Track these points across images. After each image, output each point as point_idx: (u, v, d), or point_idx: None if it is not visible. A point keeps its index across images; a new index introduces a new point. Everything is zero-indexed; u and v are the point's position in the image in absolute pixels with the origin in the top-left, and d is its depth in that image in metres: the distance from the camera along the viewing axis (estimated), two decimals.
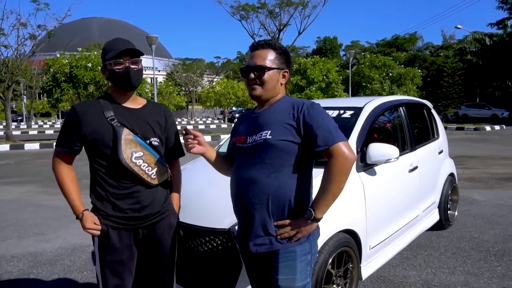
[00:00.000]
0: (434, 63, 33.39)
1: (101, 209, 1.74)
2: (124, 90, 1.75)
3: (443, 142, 4.33)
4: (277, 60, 1.60)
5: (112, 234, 1.74)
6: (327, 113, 1.60)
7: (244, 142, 1.61)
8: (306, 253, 1.57)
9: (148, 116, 1.79)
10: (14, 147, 15.10)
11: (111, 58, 1.68)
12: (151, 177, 1.75)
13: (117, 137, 1.67)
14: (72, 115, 1.71)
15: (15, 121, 38.59)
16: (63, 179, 1.76)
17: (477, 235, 4.08)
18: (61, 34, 22.68)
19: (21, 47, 16.97)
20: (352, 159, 1.50)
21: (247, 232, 1.60)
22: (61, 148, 1.75)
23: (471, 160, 9.59)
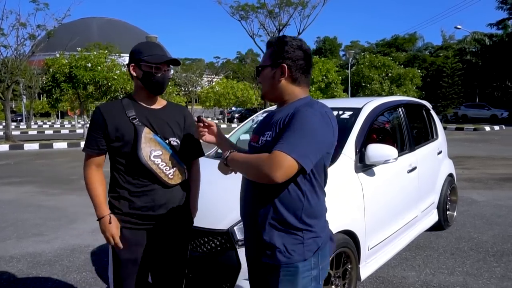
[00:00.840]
0: (434, 63, 33.45)
1: (117, 206, 1.77)
2: (154, 93, 1.81)
3: (442, 142, 4.33)
4: (272, 56, 1.48)
5: (127, 234, 1.77)
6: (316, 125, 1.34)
7: (256, 142, 1.51)
8: (311, 269, 1.43)
9: (168, 116, 1.84)
10: (14, 147, 15.08)
11: (155, 63, 1.74)
12: (169, 176, 1.77)
13: (137, 135, 1.72)
14: (97, 114, 1.76)
15: (15, 121, 38.57)
16: (91, 182, 1.78)
17: (476, 236, 4.08)
18: (61, 34, 22.67)
19: (21, 47, 16.98)
20: (276, 178, 1.28)
21: (252, 238, 1.52)
22: (90, 150, 1.78)
23: (470, 160, 9.59)
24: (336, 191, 2.60)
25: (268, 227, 1.44)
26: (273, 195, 1.42)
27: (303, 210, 1.42)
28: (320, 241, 1.45)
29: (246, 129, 4.10)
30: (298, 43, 1.49)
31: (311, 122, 1.34)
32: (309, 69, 1.52)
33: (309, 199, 1.42)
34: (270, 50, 1.51)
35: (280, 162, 1.28)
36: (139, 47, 1.80)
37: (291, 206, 1.41)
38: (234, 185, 2.67)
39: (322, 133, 1.36)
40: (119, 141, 1.74)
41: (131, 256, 1.78)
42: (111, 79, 15.58)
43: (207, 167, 2.34)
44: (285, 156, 1.28)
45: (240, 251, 2.21)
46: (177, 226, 1.85)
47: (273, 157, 1.29)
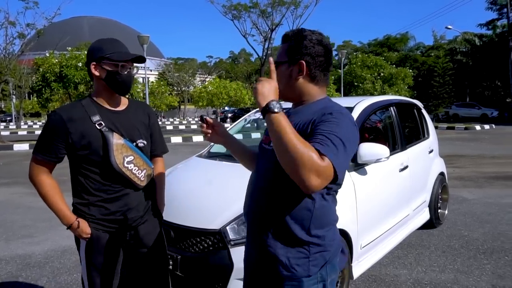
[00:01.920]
0: (425, 63, 33.75)
1: (87, 213, 1.72)
2: (120, 94, 1.74)
3: (433, 141, 4.37)
4: (289, 52, 1.34)
5: (101, 236, 1.73)
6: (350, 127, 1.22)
7: (268, 144, 1.36)
8: (317, 282, 1.32)
9: (133, 117, 1.78)
10: (3, 148, 14.87)
11: (120, 60, 1.65)
12: (141, 179, 1.75)
13: (107, 142, 1.64)
14: (58, 121, 1.63)
15: (4, 121, 38.04)
16: (47, 190, 1.69)
17: (467, 234, 4.13)
18: (52, 33, 22.40)
19: (10, 46, 16.75)
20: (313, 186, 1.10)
21: (254, 240, 1.40)
22: (43, 156, 1.67)
23: (461, 159, 9.70)
24: None
25: (272, 236, 1.32)
26: (282, 201, 1.29)
27: (311, 220, 1.29)
28: (328, 255, 1.32)
29: (238, 129, 4.09)
30: (318, 38, 1.34)
31: (347, 128, 1.21)
32: (329, 67, 1.37)
33: (318, 208, 1.29)
34: (286, 44, 1.36)
35: (327, 170, 1.10)
36: (99, 44, 1.69)
37: (299, 216, 1.28)
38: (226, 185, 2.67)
39: (355, 138, 1.25)
40: (86, 149, 1.65)
41: (105, 260, 1.75)
42: None
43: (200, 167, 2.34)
44: (328, 163, 1.10)
45: (232, 251, 2.21)
46: (148, 226, 1.83)
47: (323, 159, 1.10)
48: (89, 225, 1.71)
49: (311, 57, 1.32)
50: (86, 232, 1.70)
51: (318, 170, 1.08)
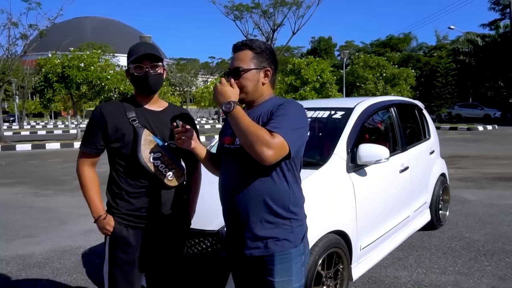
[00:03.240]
0: (428, 63, 33.64)
1: (115, 207, 1.77)
2: (143, 93, 1.79)
3: (434, 142, 4.35)
4: (255, 59, 1.55)
5: (124, 233, 1.75)
6: (301, 114, 1.50)
7: (232, 143, 1.57)
8: (301, 254, 1.55)
9: (168, 119, 1.81)
10: (6, 148, 14.94)
11: (132, 62, 1.73)
12: (168, 178, 1.77)
13: (137, 137, 1.71)
14: (98, 114, 1.74)
15: (7, 121, 38.19)
16: (86, 181, 1.77)
17: (468, 235, 4.10)
18: (54, 34, 22.48)
19: (12, 46, 16.82)
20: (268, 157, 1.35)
21: (239, 237, 1.56)
22: (86, 149, 1.77)
23: (463, 159, 9.65)
24: (328, 191, 2.60)
25: (260, 222, 1.50)
26: (262, 190, 1.49)
27: (290, 200, 1.52)
28: (304, 228, 1.59)
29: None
30: (271, 47, 1.63)
31: (296, 112, 1.48)
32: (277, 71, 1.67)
33: (294, 189, 1.54)
34: (251, 53, 1.56)
35: (275, 143, 1.36)
36: (128, 50, 1.78)
37: (280, 198, 1.50)
38: None
39: (304, 122, 1.51)
40: (119, 142, 1.73)
41: (127, 258, 1.77)
42: (104, 79, 15.47)
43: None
44: (279, 137, 1.37)
45: None
46: (173, 228, 1.84)
47: (273, 136, 1.37)
48: (115, 219, 1.75)
49: (272, 64, 1.60)
50: (110, 225, 1.74)
51: (268, 143, 1.35)
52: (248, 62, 1.55)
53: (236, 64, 1.56)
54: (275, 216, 1.50)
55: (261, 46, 1.57)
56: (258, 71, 1.56)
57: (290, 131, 1.40)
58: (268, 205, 1.49)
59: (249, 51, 1.56)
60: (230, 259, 1.67)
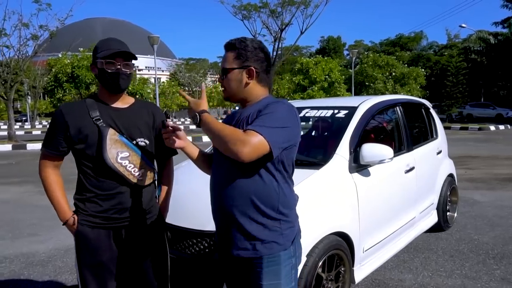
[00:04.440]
0: (438, 62, 33.20)
1: (82, 207, 1.72)
2: (110, 91, 1.73)
3: (442, 142, 4.25)
4: (238, 59, 1.53)
5: (90, 234, 1.71)
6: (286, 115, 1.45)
7: None
8: (291, 257, 1.52)
9: (135, 116, 1.76)
10: (16, 147, 15.15)
11: (104, 57, 1.66)
12: (138, 178, 1.72)
13: (102, 137, 1.66)
14: (58, 115, 1.68)
15: (20, 121, 38.81)
16: (49, 184, 1.73)
17: (477, 237, 4.00)
18: (65, 35, 22.76)
19: (23, 47, 17.02)
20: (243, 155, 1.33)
21: (227, 237, 1.53)
22: (48, 150, 1.72)
23: (474, 160, 9.47)
24: (329, 191, 2.54)
25: (248, 221, 1.47)
26: (250, 189, 1.46)
27: (279, 201, 1.48)
28: (295, 230, 1.55)
29: None
30: (260, 45, 1.58)
31: (282, 112, 1.45)
32: (270, 69, 1.62)
33: (284, 189, 1.50)
34: (234, 52, 1.54)
35: (251, 140, 1.34)
36: (97, 44, 1.73)
37: (268, 198, 1.47)
38: None
39: (291, 122, 1.45)
40: (83, 143, 1.68)
41: (95, 259, 1.72)
42: None
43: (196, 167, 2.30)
44: (257, 135, 1.35)
45: None
46: (147, 227, 1.79)
47: (246, 133, 1.36)
48: (80, 220, 1.71)
49: (258, 63, 1.54)
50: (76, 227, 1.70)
51: (243, 141, 1.33)
52: (231, 62, 1.54)
53: (222, 65, 1.56)
54: (263, 216, 1.47)
55: (244, 45, 1.53)
56: (240, 70, 1.53)
57: (270, 129, 1.38)
58: (255, 205, 1.46)
59: (234, 51, 1.54)
60: (222, 261, 1.64)
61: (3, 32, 16.20)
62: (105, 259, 1.73)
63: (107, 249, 1.73)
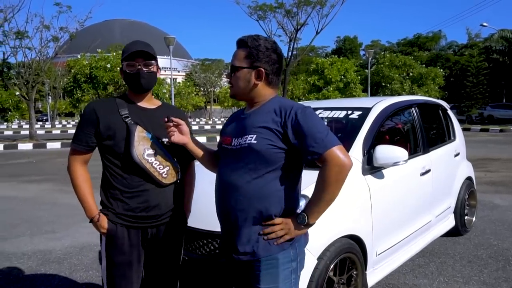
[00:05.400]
0: (458, 62, 32.42)
1: (110, 206, 1.75)
2: (134, 91, 1.77)
3: (459, 144, 4.14)
4: (248, 58, 1.48)
5: (120, 233, 1.73)
6: (318, 116, 1.49)
7: (229, 144, 1.54)
8: (290, 261, 1.48)
9: (161, 117, 1.78)
10: (37, 146, 15.58)
11: (124, 60, 1.72)
12: (162, 175, 1.74)
13: (130, 134, 1.69)
14: (89, 111, 1.73)
15: (41, 120, 39.89)
16: (79, 180, 1.75)
17: (496, 243, 3.87)
18: (85, 36, 23.29)
19: (44, 49, 17.51)
20: (348, 165, 1.39)
21: (229, 239, 1.53)
22: (77, 145, 1.74)
23: (494, 162, 9.20)
24: (341, 193, 2.48)
25: (250, 225, 1.46)
26: (254, 192, 1.44)
27: (281, 204, 1.46)
28: None
29: None
30: (273, 46, 1.51)
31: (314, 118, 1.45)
32: (281, 71, 1.57)
33: (288, 193, 1.48)
34: (245, 51, 1.49)
35: (343, 152, 1.39)
36: (123, 49, 1.77)
37: (271, 201, 1.44)
38: None
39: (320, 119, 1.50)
40: (111, 140, 1.70)
41: (124, 258, 1.74)
42: None
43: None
44: (339, 147, 1.39)
45: None
46: (170, 227, 1.81)
47: (332, 158, 1.37)
48: (110, 219, 1.73)
49: (268, 64, 1.49)
50: (103, 227, 1.72)
51: (337, 165, 1.38)
52: (240, 61, 1.50)
53: (231, 62, 1.53)
54: (266, 220, 1.45)
55: (257, 44, 1.48)
56: (249, 70, 1.49)
57: (326, 137, 1.39)
58: (258, 208, 1.44)
59: (245, 49, 1.49)
60: (228, 263, 1.63)
61: (25, 34, 16.70)
62: (133, 259, 1.75)
63: (136, 248, 1.75)
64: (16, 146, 15.39)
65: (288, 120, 1.42)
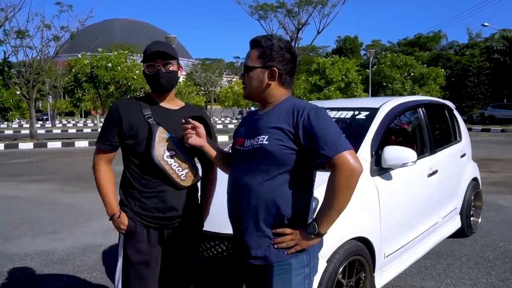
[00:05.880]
0: (459, 62, 32.40)
1: (127, 204, 1.75)
2: (156, 92, 1.78)
3: (465, 145, 4.11)
4: (261, 58, 1.46)
5: (140, 232, 1.73)
6: (331, 118, 1.46)
7: (242, 145, 1.52)
8: (304, 266, 1.44)
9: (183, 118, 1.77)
10: (38, 145, 15.54)
11: (144, 61, 1.73)
12: (181, 178, 1.73)
13: (151, 134, 1.69)
14: (113, 110, 1.74)
15: (41, 120, 39.87)
16: (102, 178, 1.77)
17: (503, 244, 3.84)
18: (85, 36, 23.26)
19: (45, 48, 17.48)
20: (358, 171, 1.35)
21: (241, 242, 1.50)
22: (102, 144, 1.76)
23: (496, 163, 9.17)
24: None
25: (263, 229, 1.43)
26: (267, 195, 1.41)
27: (293, 207, 1.43)
28: None
29: None
30: (287, 45, 1.49)
31: (327, 119, 1.42)
32: (295, 71, 1.53)
33: (301, 195, 1.45)
34: (259, 51, 1.47)
35: (354, 157, 1.36)
36: (144, 49, 1.76)
37: (284, 204, 1.41)
38: None
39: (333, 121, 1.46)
40: (133, 139, 1.71)
41: (142, 258, 1.73)
42: (130, 79, 15.81)
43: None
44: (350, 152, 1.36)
45: None
46: (187, 229, 1.79)
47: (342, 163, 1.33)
48: (129, 216, 1.73)
49: (282, 64, 1.46)
50: (124, 224, 1.72)
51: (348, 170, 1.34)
52: (253, 61, 1.48)
53: (245, 62, 1.51)
54: (279, 224, 1.42)
55: (270, 44, 1.45)
56: (262, 70, 1.46)
57: (337, 141, 1.36)
58: (269, 210, 1.42)
59: (258, 49, 1.47)
60: (239, 266, 1.60)
61: (26, 33, 16.66)
62: (151, 259, 1.74)
63: (154, 249, 1.75)
64: (16, 146, 15.36)
65: (300, 121, 1.40)
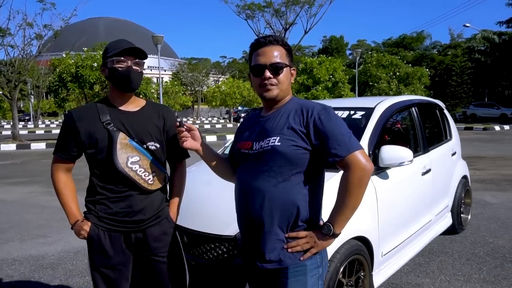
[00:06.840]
0: (442, 62, 33.06)
1: (93, 209, 1.71)
2: (122, 90, 1.69)
3: (456, 143, 4.19)
4: (287, 57, 1.48)
5: (102, 237, 1.69)
6: (341, 118, 1.47)
7: (250, 148, 1.49)
8: (317, 267, 1.44)
9: (145, 119, 1.73)
10: (21, 147, 15.15)
11: (113, 56, 1.63)
12: (148, 182, 1.69)
13: (112, 141, 1.63)
14: (69, 120, 1.67)
15: (23, 120, 38.90)
16: (60, 187, 1.73)
17: (492, 240, 3.93)
18: (68, 34, 22.76)
19: (28, 47, 17.03)
20: (369, 170, 1.37)
21: (253, 246, 1.48)
22: (59, 155, 1.71)
23: (481, 160, 9.38)
24: None
25: (277, 232, 1.41)
26: (280, 197, 1.40)
27: (307, 209, 1.43)
28: None
29: None
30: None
31: (339, 118, 1.44)
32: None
33: (314, 197, 1.45)
34: (284, 49, 1.48)
35: (365, 157, 1.37)
36: (107, 46, 1.70)
37: (298, 207, 1.41)
38: None
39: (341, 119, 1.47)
40: (93, 148, 1.65)
41: (107, 262, 1.70)
42: None
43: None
44: (361, 151, 1.37)
45: None
46: (159, 230, 1.75)
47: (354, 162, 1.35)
48: (92, 222, 1.69)
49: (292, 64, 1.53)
50: (84, 229, 1.68)
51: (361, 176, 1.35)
52: (284, 58, 1.47)
53: (275, 59, 1.44)
54: (293, 226, 1.42)
55: (288, 44, 1.51)
56: (289, 69, 1.49)
57: (349, 140, 1.37)
58: (284, 212, 1.40)
59: (281, 47, 1.47)
60: (246, 269, 1.59)
61: (7, 31, 16.21)
62: (116, 262, 1.71)
63: (119, 252, 1.71)
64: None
65: (311, 120, 1.40)
